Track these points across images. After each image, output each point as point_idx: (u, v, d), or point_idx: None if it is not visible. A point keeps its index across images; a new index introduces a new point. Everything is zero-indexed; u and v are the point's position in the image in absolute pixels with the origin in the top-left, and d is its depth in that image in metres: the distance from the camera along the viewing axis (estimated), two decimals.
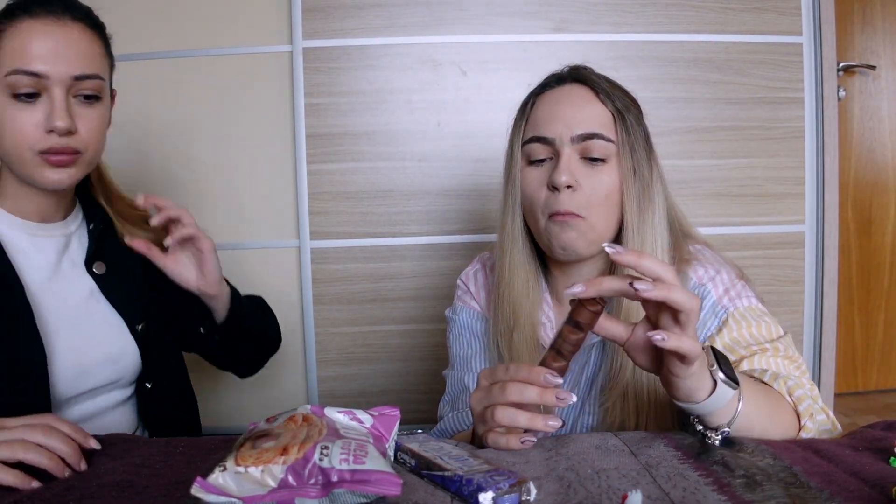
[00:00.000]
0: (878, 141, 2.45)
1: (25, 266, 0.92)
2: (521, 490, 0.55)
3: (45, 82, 0.85)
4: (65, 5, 0.88)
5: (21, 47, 0.84)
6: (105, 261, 0.99)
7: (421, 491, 0.59)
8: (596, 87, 0.90)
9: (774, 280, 1.90)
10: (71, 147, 0.87)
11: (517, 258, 0.95)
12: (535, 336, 0.95)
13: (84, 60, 0.88)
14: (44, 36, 0.85)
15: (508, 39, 1.82)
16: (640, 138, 0.89)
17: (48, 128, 0.85)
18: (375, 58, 1.81)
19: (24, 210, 0.93)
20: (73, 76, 0.86)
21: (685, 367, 0.63)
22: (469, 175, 1.83)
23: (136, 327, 0.98)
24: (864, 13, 2.37)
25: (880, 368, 2.57)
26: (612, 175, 0.88)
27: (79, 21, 0.89)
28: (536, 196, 0.90)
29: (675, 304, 0.60)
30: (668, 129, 1.82)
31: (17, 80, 0.84)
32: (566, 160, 0.87)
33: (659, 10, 1.83)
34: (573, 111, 0.88)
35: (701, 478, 0.60)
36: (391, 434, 0.64)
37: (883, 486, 0.56)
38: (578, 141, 0.87)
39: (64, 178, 0.89)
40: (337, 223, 1.84)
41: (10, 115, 0.85)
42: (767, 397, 0.75)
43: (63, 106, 0.86)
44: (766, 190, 1.88)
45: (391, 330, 1.86)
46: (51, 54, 0.85)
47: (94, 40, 0.91)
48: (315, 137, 1.81)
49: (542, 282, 0.98)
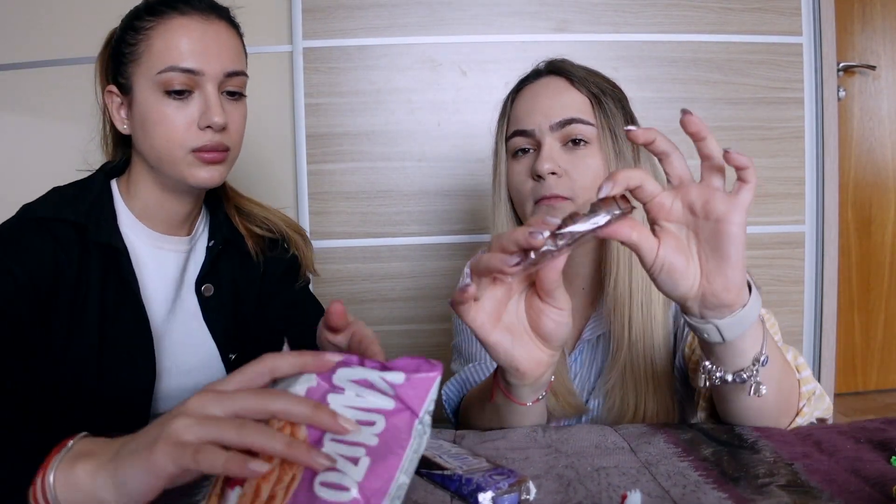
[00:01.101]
0: (878, 141, 2.45)
1: (148, 280, 0.90)
2: (521, 489, 0.55)
3: (199, 79, 0.84)
4: (210, 3, 0.88)
5: (174, 45, 0.83)
6: (214, 283, 0.96)
7: (420, 490, 0.59)
8: (570, 76, 0.92)
9: (774, 280, 1.90)
10: (222, 144, 0.87)
11: None
12: None
13: (233, 57, 0.87)
14: (195, 33, 0.84)
15: (508, 39, 1.82)
16: (620, 122, 0.89)
17: (204, 124, 0.84)
18: (375, 58, 1.81)
19: (153, 217, 0.91)
20: (225, 72, 0.86)
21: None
22: (469, 175, 1.83)
23: (230, 357, 0.95)
24: (864, 13, 2.37)
25: (880, 368, 2.57)
26: (596, 159, 0.88)
27: (223, 19, 0.88)
28: (523, 187, 0.91)
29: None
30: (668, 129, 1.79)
31: (170, 77, 0.83)
32: (547, 149, 0.88)
33: (659, 10, 1.83)
34: (549, 101, 0.90)
35: (701, 476, 0.60)
36: (423, 404, 0.47)
37: (884, 486, 0.56)
38: (557, 128, 0.88)
39: (215, 176, 0.87)
40: (337, 223, 1.84)
41: (163, 114, 0.84)
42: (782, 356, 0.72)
43: (218, 101, 0.85)
44: (766, 190, 1.88)
45: (391, 330, 1.86)
46: (203, 51, 0.84)
47: (237, 38, 0.91)
48: (315, 137, 1.81)
49: None
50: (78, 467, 0.47)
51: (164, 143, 0.84)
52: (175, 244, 0.94)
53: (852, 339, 2.53)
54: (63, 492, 0.47)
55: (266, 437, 0.43)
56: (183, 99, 0.84)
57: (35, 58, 1.76)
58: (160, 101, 0.84)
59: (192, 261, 0.96)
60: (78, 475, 0.47)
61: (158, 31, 0.84)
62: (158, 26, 0.84)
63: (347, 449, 0.45)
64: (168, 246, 0.93)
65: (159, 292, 0.92)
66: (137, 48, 0.85)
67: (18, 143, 1.79)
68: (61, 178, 0.96)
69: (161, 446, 0.43)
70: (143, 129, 0.86)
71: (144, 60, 0.84)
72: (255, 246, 1.00)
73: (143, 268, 0.90)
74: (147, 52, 0.84)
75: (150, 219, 0.91)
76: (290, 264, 1.04)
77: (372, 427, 0.46)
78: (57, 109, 1.77)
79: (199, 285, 0.94)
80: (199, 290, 0.94)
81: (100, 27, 0.95)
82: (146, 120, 0.85)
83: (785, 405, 0.72)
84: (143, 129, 0.86)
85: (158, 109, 0.84)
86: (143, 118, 0.85)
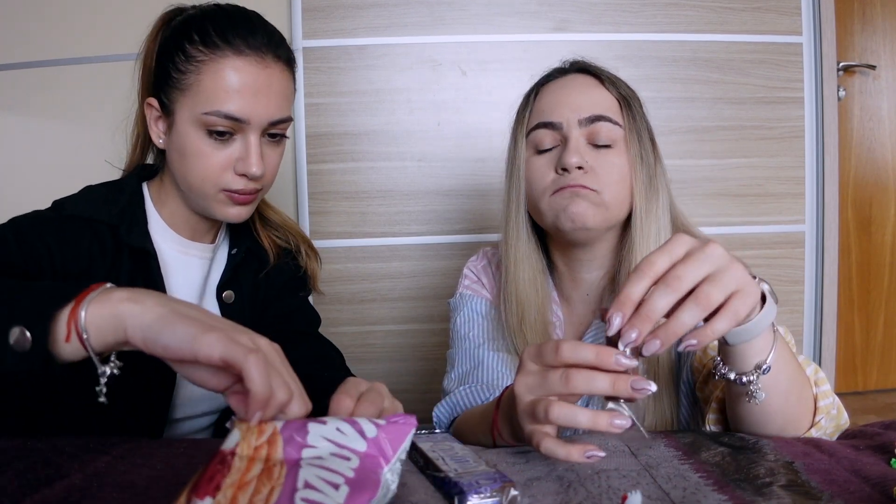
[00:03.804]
0: (877, 141, 2.45)
1: (174, 283, 0.91)
2: (503, 495, 0.55)
3: (243, 125, 0.82)
4: (268, 40, 0.84)
5: (223, 88, 0.80)
6: (235, 290, 0.97)
7: (421, 492, 0.59)
8: (600, 74, 0.91)
9: (774, 280, 1.89)
10: (256, 188, 0.87)
11: (522, 251, 0.93)
12: (547, 332, 0.92)
13: (282, 104, 0.86)
14: (248, 78, 0.81)
15: (508, 39, 1.82)
16: (644, 127, 0.89)
17: (240, 171, 0.84)
18: (375, 58, 1.81)
19: (179, 224, 0.92)
20: (270, 121, 0.84)
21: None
22: (469, 175, 1.83)
23: None
24: (864, 13, 2.37)
25: (880, 368, 2.57)
26: (621, 158, 0.87)
27: (280, 61, 0.85)
28: (543, 181, 0.88)
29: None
30: (668, 128, 1.82)
31: (215, 121, 0.81)
32: (574, 143, 0.85)
33: (659, 10, 1.83)
34: (579, 96, 0.88)
35: (701, 478, 0.60)
36: (398, 449, 0.51)
37: (884, 486, 0.56)
38: (586, 124, 0.86)
39: (243, 213, 0.88)
40: (337, 223, 1.84)
41: (201, 151, 0.83)
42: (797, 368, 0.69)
43: (258, 152, 0.83)
44: (766, 190, 1.88)
45: (391, 330, 1.86)
46: (252, 99, 0.81)
47: (290, 80, 0.88)
48: (315, 137, 1.81)
49: (548, 279, 0.96)
50: (115, 295, 0.53)
51: (198, 178, 0.84)
52: (200, 250, 0.95)
53: (852, 338, 2.53)
54: (93, 317, 0.52)
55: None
56: (224, 140, 0.83)
57: (35, 58, 1.76)
58: (200, 138, 0.83)
59: (214, 267, 0.97)
60: (112, 300, 0.52)
61: (210, 69, 0.81)
62: (211, 63, 0.81)
63: (328, 475, 0.46)
64: (194, 252, 0.94)
65: (184, 297, 0.92)
66: (186, 78, 0.82)
67: (19, 143, 1.79)
68: (61, 178, 0.96)
69: (218, 333, 0.49)
70: (180, 157, 0.85)
71: (191, 94, 0.82)
72: (273, 255, 1.01)
73: (169, 272, 0.91)
74: (195, 87, 0.82)
75: (177, 225, 0.92)
76: (295, 276, 1.05)
77: (348, 461, 0.49)
78: (59, 109, 1.77)
79: (220, 291, 0.95)
80: (221, 296, 0.95)
81: (100, 27, 0.95)
82: (184, 151, 0.84)
83: (791, 417, 0.69)
84: (180, 157, 0.85)
85: (198, 145, 0.83)
86: (182, 148, 0.84)
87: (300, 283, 1.06)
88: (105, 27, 1.72)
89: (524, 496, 0.57)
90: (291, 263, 1.04)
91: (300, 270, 1.05)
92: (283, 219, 1.05)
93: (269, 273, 1.01)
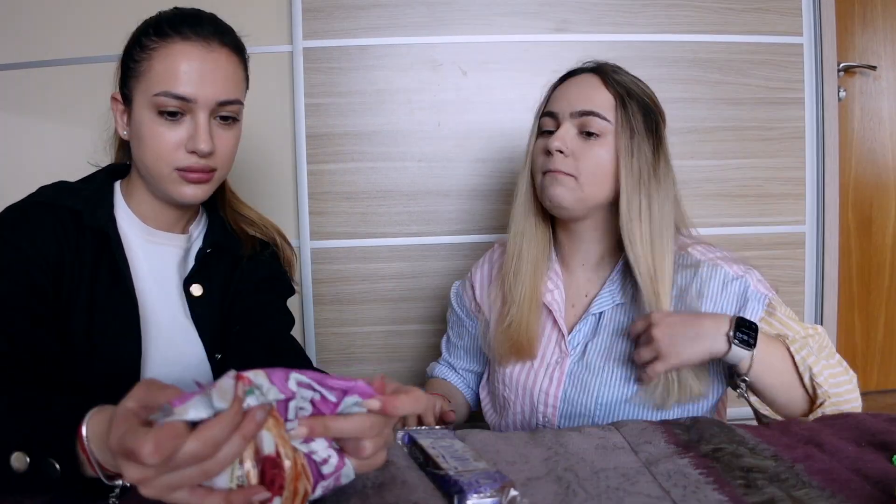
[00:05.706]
0: (878, 141, 2.45)
1: (140, 270, 0.94)
2: (503, 495, 0.55)
3: (191, 105, 0.88)
4: (214, 29, 0.91)
5: (171, 70, 0.87)
6: (205, 284, 0.99)
7: (420, 491, 0.59)
8: (606, 77, 1.03)
9: (774, 280, 1.89)
10: (208, 166, 0.91)
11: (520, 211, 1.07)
12: (538, 293, 1.05)
13: (228, 86, 0.91)
14: (193, 61, 0.88)
15: (509, 39, 1.82)
16: (640, 123, 1.00)
17: (190, 149, 0.89)
18: (375, 58, 1.81)
19: (147, 214, 0.96)
20: (217, 101, 0.89)
21: None
22: (469, 175, 1.83)
23: (216, 356, 0.98)
24: (864, 13, 2.37)
25: (880, 369, 2.57)
26: (606, 150, 0.99)
27: (226, 46, 0.91)
28: (538, 160, 1.04)
29: None
30: (668, 129, 1.81)
31: (165, 101, 0.87)
32: (563, 130, 1.01)
33: (659, 10, 1.83)
34: (578, 93, 1.03)
35: (701, 476, 0.60)
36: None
37: (885, 485, 0.56)
38: (577, 116, 1.01)
39: (199, 194, 0.92)
40: (337, 223, 1.84)
41: (154, 132, 0.88)
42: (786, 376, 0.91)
43: (206, 129, 0.89)
44: (767, 190, 1.88)
45: (391, 330, 1.85)
46: (199, 79, 0.87)
47: (238, 65, 0.94)
48: (315, 137, 1.81)
49: (552, 247, 1.10)
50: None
51: (153, 159, 0.89)
52: (169, 240, 0.98)
53: (853, 339, 2.53)
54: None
55: None
56: (175, 120, 0.88)
57: (35, 58, 1.76)
58: (153, 120, 0.88)
59: (188, 259, 0.99)
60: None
61: (160, 54, 0.88)
62: (161, 49, 0.88)
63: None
64: (162, 241, 0.97)
65: (150, 283, 0.95)
66: (140, 66, 0.89)
67: (19, 143, 1.79)
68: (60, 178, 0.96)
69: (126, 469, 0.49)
70: (137, 142, 0.91)
71: (144, 79, 0.88)
72: (249, 249, 1.04)
73: (135, 258, 0.94)
74: (147, 73, 0.88)
75: (145, 216, 0.96)
76: (276, 275, 1.08)
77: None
78: (58, 109, 1.77)
79: (187, 284, 0.97)
80: (188, 289, 0.97)
81: (100, 27, 0.96)
82: (140, 135, 0.90)
83: (782, 405, 0.93)
84: (137, 142, 0.91)
85: (151, 127, 0.88)
86: (138, 132, 0.90)
87: (280, 284, 1.08)
88: (103, 27, 1.72)
89: (524, 496, 0.57)
90: (275, 264, 1.08)
91: (283, 273, 1.09)
92: (258, 214, 1.10)
93: (245, 267, 1.03)
